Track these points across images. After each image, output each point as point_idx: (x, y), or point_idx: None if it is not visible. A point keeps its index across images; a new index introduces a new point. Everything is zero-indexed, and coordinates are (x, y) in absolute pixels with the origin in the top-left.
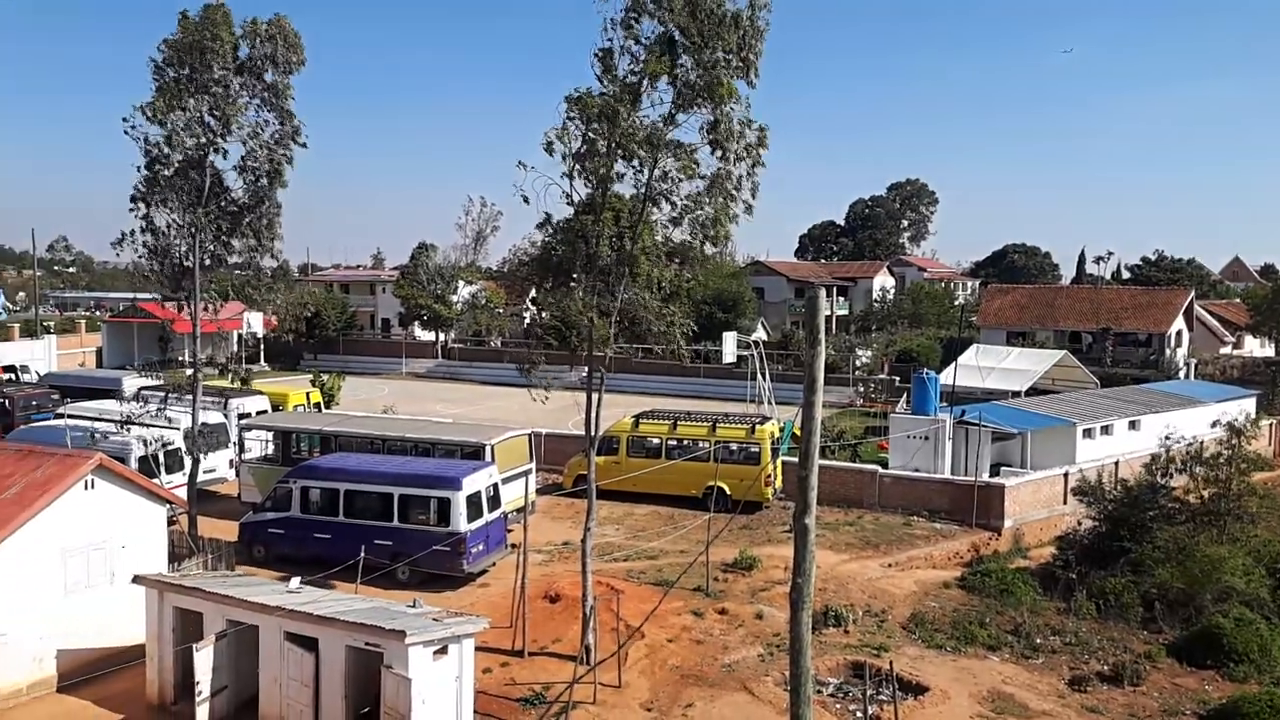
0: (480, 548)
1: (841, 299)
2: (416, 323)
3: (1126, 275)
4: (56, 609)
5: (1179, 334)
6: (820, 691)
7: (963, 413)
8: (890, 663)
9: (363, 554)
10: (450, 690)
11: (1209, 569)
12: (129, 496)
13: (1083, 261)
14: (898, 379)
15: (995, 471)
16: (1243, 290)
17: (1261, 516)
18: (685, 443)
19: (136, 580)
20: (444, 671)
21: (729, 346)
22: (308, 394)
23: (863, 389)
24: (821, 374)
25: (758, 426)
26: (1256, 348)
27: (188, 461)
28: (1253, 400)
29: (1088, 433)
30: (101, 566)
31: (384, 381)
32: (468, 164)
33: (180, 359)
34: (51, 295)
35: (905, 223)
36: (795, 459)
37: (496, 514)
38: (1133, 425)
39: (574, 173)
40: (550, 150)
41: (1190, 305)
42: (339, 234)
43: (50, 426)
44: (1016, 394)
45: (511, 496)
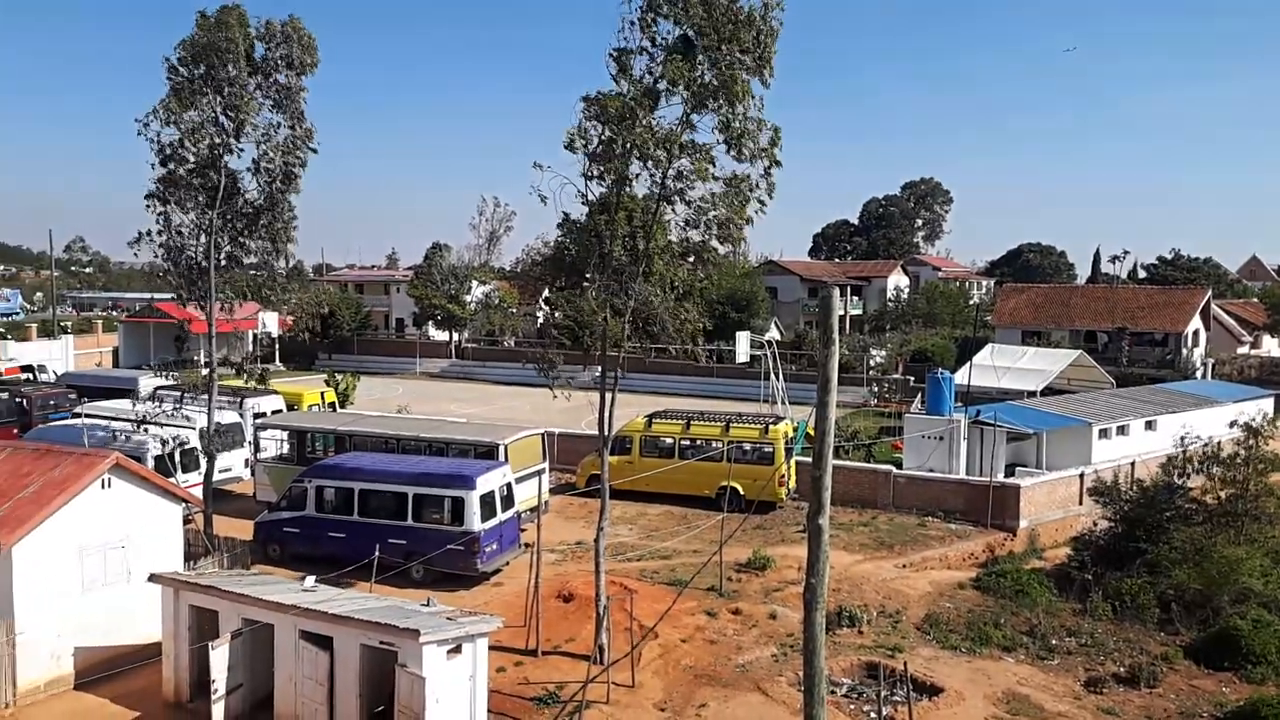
0: (494, 547)
1: (855, 298)
2: (430, 323)
3: (1143, 274)
4: (74, 607)
5: (1196, 333)
6: (834, 692)
7: (978, 413)
8: (905, 663)
9: (377, 553)
10: (464, 689)
11: (1226, 570)
12: (145, 495)
13: (1098, 260)
14: (912, 379)
15: (1010, 472)
16: (1260, 289)
17: (1279, 517)
18: (698, 442)
19: (153, 579)
20: (458, 670)
21: (742, 346)
22: (322, 394)
23: (877, 389)
24: (835, 374)
25: (771, 426)
26: (1274, 347)
27: (203, 461)
28: (1270, 400)
29: (1104, 433)
30: (118, 565)
31: (398, 381)
32: (481, 165)
33: (196, 359)
34: (69, 295)
35: (919, 222)
36: (809, 459)
37: (510, 513)
38: (1149, 425)
39: (590, 172)
40: (571, 148)
41: (1207, 304)
42: (353, 234)
43: (67, 426)
44: (1032, 394)
45: (525, 496)
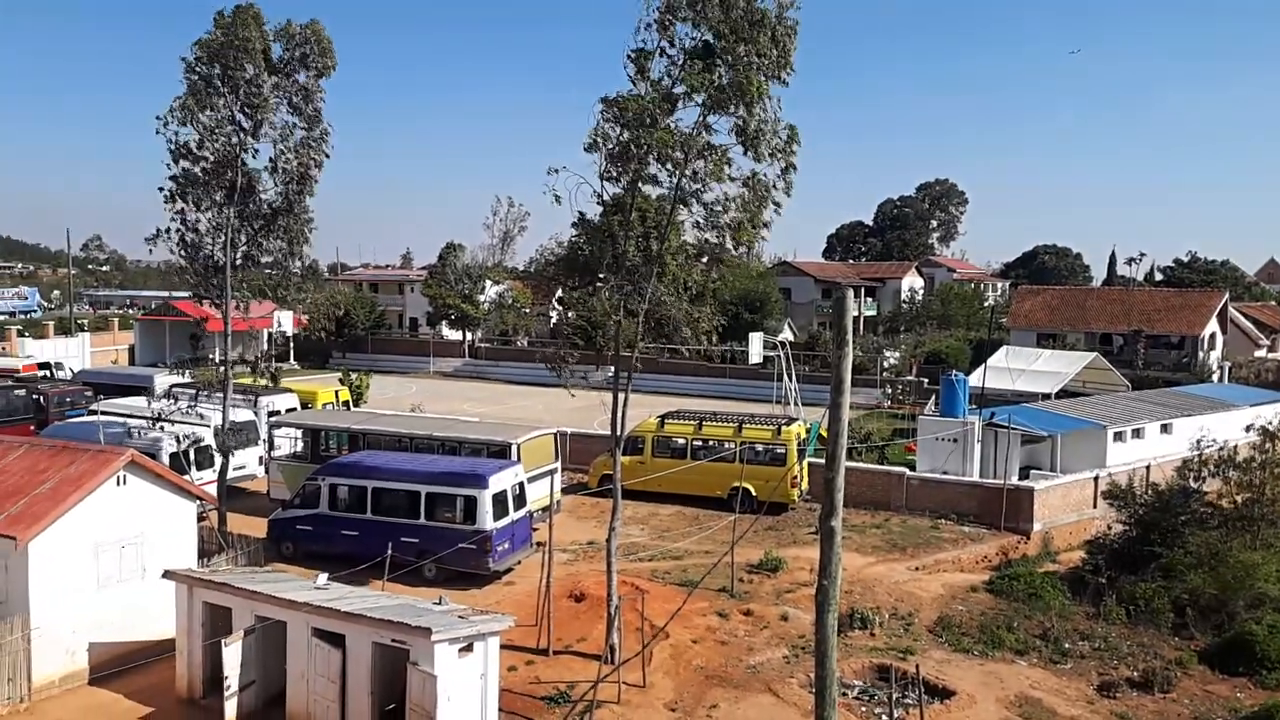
0: (506, 546)
1: (869, 300)
2: (444, 322)
3: (1159, 277)
4: (89, 603)
5: (1212, 336)
6: (845, 694)
7: (992, 415)
8: (916, 666)
9: (390, 551)
10: (475, 688)
11: (1242, 575)
12: (160, 492)
13: (1114, 263)
14: (926, 381)
15: (1024, 474)
16: (1278, 292)
17: None
18: (711, 443)
19: (167, 575)
20: (469, 669)
21: (755, 347)
22: (336, 392)
23: (890, 390)
24: (849, 375)
25: (784, 427)
26: None
27: (218, 458)
28: None
29: (1118, 436)
30: (133, 561)
31: (411, 380)
32: (496, 164)
33: (211, 357)
34: (86, 293)
35: (934, 223)
36: (821, 460)
37: (522, 512)
38: (1164, 429)
39: (608, 173)
40: (592, 149)
41: (1224, 307)
42: (368, 234)
43: (84, 423)
44: (1046, 396)
45: (537, 495)
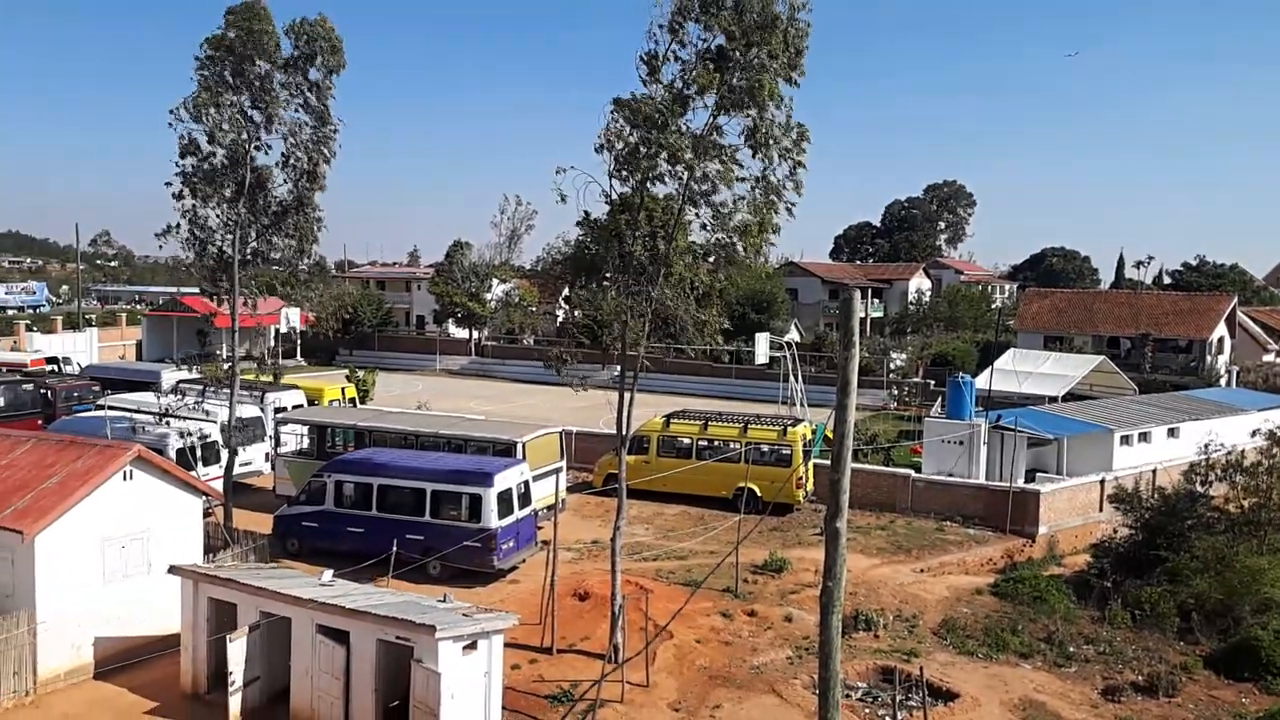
0: (510, 544)
1: (876, 301)
2: (451, 320)
3: (1167, 280)
4: (94, 597)
5: (1220, 341)
6: (849, 696)
7: (998, 417)
8: (920, 668)
9: (395, 548)
10: (479, 686)
11: (1248, 580)
12: (166, 488)
13: (1122, 266)
14: (933, 382)
15: (1031, 477)
16: None
17: None
18: (716, 443)
19: (172, 570)
20: (473, 667)
21: (761, 347)
22: (343, 389)
23: (897, 392)
24: (855, 376)
25: (789, 428)
26: None
27: (224, 454)
28: None
29: (1125, 439)
30: (139, 556)
31: (418, 378)
32: (503, 163)
33: (218, 353)
34: (94, 289)
35: (942, 225)
36: (827, 462)
37: (527, 511)
38: (1171, 433)
39: (615, 173)
40: (608, 149)
41: (1233, 311)
42: (376, 231)
43: (91, 418)
44: (1053, 399)
45: (542, 494)
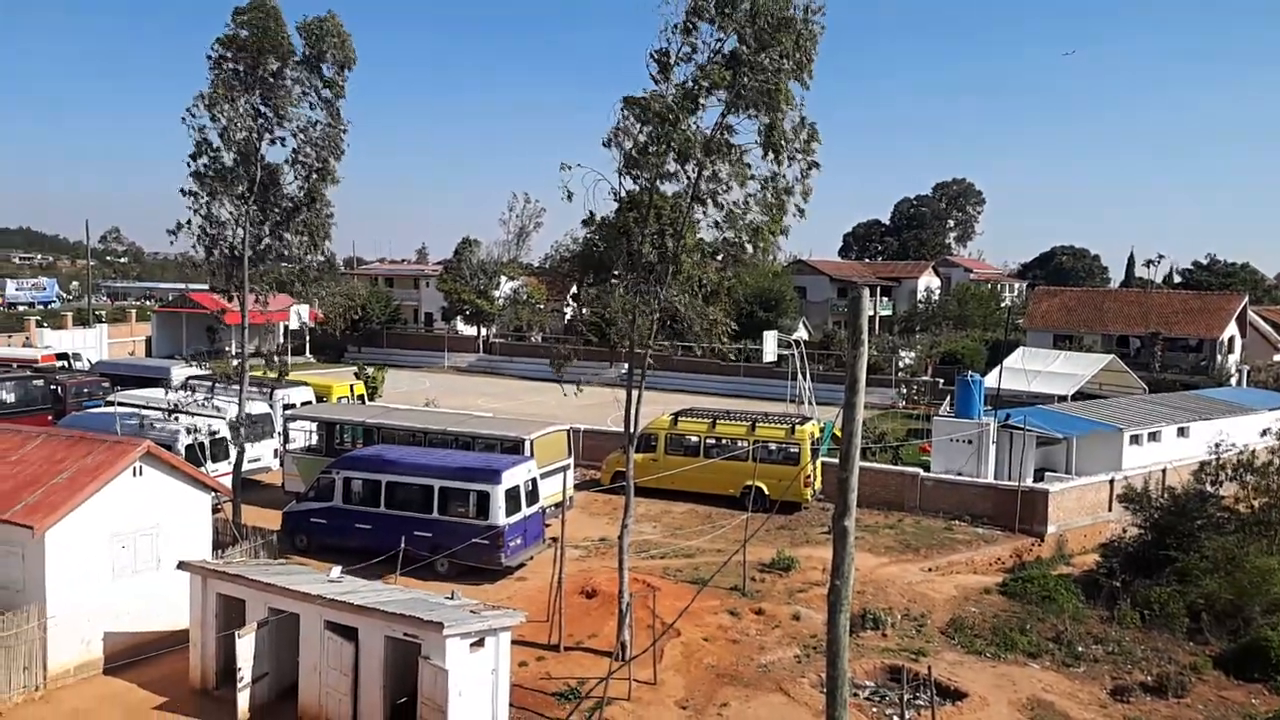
0: (518, 541)
1: (885, 299)
2: (459, 317)
3: (1178, 279)
4: (104, 592)
5: (1231, 340)
6: (857, 694)
7: (1007, 416)
8: (928, 667)
9: (403, 545)
10: (486, 683)
11: (1258, 580)
12: (175, 484)
13: (1132, 264)
14: (941, 381)
15: (1039, 477)
16: None
17: None
18: (724, 441)
19: (181, 566)
20: (481, 664)
21: (769, 346)
22: (351, 386)
23: (905, 391)
24: (863, 375)
25: (797, 426)
26: None
27: (233, 450)
28: None
29: (1135, 439)
30: (148, 552)
31: (426, 375)
32: (512, 161)
33: (227, 349)
34: (104, 285)
35: (951, 223)
36: (835, 460)
37: (535, 508)
38: (1181, 432)
39: (624, 171)
40: (611, 144)
41: (1243, 310)
42: (384, 228)
43: (101, 413)
44: (1063, 398)
45: (550, 491)
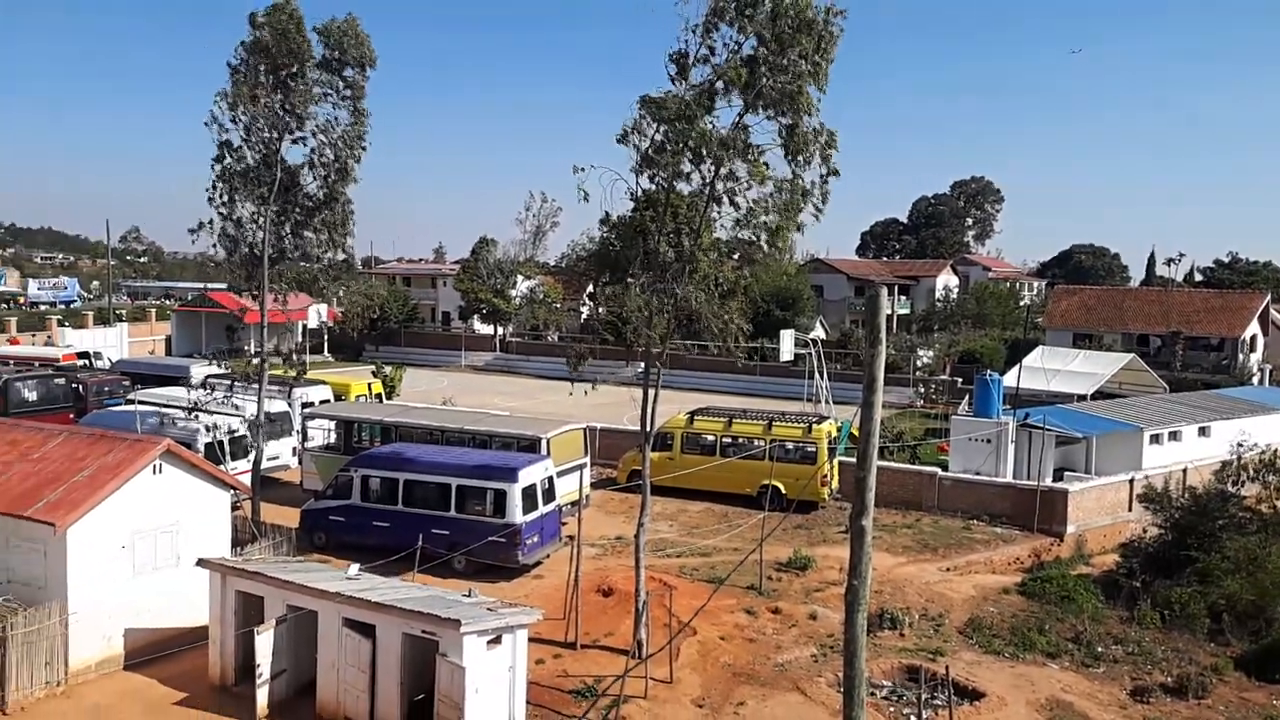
0: (535, 540)
1: (903, 298)
2: (476, 316)
3: (1199, 278)
4: (125, 589)
5: (1253, 339)
6: (874, 694)
7: (1026, 415)
8: (946, 667)
9: (420, 543)
10: (503, 680)
11: None
12: (195, 482)
13: (1152, 263)
14: (960, 380)
15: (1059, 476)
16: None
17: None
18: (740, 440)
19: (201, 563)
20: (498, 661)
21: (786, 345)
22: (369, 385)
23: (923, 390)
24: (881, 374)
25: (814, 426)
26: None
27: (252, 448)
28: None
29: (1155, 438)
30: (168, 549)
31: (443, 374)
32: (528, 160)
33: (247, 348)
34: (124, 284)
35: (970, 221)
36: (853, 459)
37: (551, 507)
38: (1202, 431)
39: (641, 169)
40: (625, 140)
41: (1266, 309)
42: (402, 228)
43: (122, 412)
44: (1082, 397)
45: (566, 490)
